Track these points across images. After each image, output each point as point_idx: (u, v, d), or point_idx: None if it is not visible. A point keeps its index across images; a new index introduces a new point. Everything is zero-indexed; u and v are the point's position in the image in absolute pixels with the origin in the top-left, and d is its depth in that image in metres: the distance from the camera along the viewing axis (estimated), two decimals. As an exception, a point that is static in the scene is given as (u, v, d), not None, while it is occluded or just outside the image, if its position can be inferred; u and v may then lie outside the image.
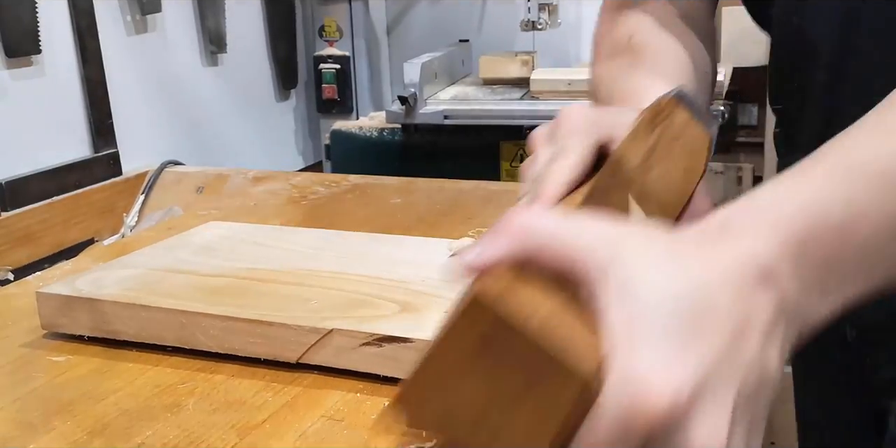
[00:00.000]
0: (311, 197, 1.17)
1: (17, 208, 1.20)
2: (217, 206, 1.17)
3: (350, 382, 0.63)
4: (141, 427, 0.58)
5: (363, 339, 0.62)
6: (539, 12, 1.82)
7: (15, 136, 1.24)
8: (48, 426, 0.59)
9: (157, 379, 0.65)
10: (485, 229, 0.82)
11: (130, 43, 1.48)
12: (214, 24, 1.70)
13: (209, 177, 1.30)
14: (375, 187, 1.21)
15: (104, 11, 1.40)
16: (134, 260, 0.79)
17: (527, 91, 1.77)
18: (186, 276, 0.74)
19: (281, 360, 0.65)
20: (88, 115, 1.36)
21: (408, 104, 1.66)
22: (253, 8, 1.88)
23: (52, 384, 0.65)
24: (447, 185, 1.20)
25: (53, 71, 1.30)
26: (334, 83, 2.03)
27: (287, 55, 1.98)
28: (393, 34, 2.18)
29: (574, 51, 2.08)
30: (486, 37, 2.10)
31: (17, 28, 1.23)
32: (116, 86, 1.41)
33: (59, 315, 0.72)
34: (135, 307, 0.69)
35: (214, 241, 0.84)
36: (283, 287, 0.71)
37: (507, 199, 1.11)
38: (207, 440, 0.57)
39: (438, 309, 0.65)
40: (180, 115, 1.62)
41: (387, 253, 0.79)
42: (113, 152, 1.38)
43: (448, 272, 0.42)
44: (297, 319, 0.64)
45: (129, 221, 1.29)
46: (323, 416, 0.59)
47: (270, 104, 1.97)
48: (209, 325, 0.67)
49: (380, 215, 1.07)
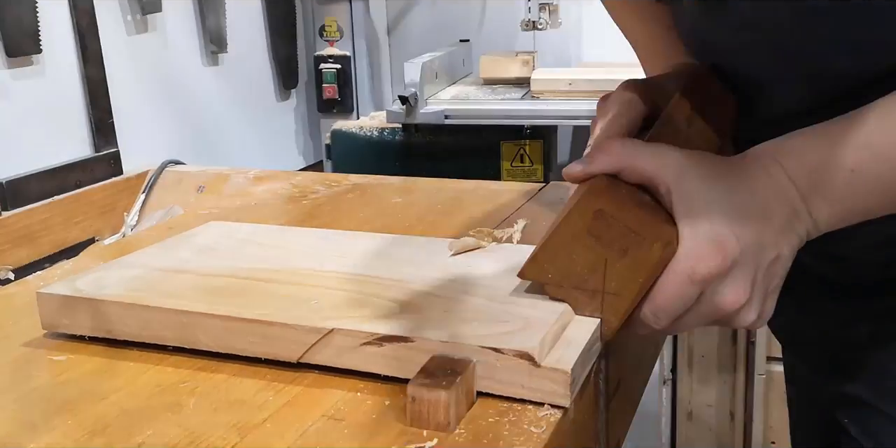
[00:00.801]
0: (312, 196, 1.17)
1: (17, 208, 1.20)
2: (218, 206, 1.17)
3: (351, 382, 0.63)
4: (142, 426, 0.58)
5: (364, 339, 0.62)
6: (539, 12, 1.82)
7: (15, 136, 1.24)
8: (49, 425, 0.59)
9: (158, 378, 0.65)
10: (485, 229, 0.82)
11: (131, 43, 1.48)
12: (215, 24, 1.70)
13: (210, 176, 1.30)
14: (376, 187, 1.21)
15: (105, 11, 1.40)
16: (134, 260, 0.79)
17: (527, 91, 1.77)
18: (187, 275, 0.74)
19: (282, 360, 0.65)
20: (89, 114, 1.36)
21: (408, 104, 1.66)
22: (253, 8, 1.88)
23: (52, 383, 0.65)
24: (448, 185, 1.20)
25: (54, 71, 1.30)
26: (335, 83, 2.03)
27: (288, 55, 1.98)
28: (393, 34, 2.18)
29: (574, 50, 2.07)
30: (487, 36, 2.10)
31: (17, 28, 1.23)
32: (117, 85, 1.41)
33: (59, 315, 0.71)
34: (135, 307, 0.69)
35: (215, 240, 0.84)
36: (284, 287, 0.71)
37: (508, 199, 1.11)
38: (208, 439, 0.57)
39: (439, 308, 0.65)
40: (181, 114, 1.62)
41: (387, 252, 0.79)
42: (113, 152, 1.38)
43: None
44: (298, 319, 0.64)
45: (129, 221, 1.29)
46: (324, 416, 0.59)
47: (271, 104, 1.97)
48: (210, 324, 0.67)
49: (380, 215, 1.07)
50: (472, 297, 0.67)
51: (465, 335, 0.60)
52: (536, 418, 0.57)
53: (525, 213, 1.01)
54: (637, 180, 0.60)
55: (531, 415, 0.57)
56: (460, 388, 0.56)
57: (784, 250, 0.59)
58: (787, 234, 0.59)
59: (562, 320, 0.62)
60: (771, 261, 0.59)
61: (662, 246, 0.57)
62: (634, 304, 0.59)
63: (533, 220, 0.92)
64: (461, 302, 0.66)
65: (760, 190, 0.59)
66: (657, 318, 0.59)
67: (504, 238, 0.83)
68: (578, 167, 0.61)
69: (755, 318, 0.60)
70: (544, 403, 0.58)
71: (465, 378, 0.57)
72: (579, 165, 0.61)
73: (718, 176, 0.59)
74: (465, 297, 0.67)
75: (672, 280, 0.58)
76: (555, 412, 0.57)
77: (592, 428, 0.67)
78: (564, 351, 0.59)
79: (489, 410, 0.58)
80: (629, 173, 0.60)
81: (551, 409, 0.58)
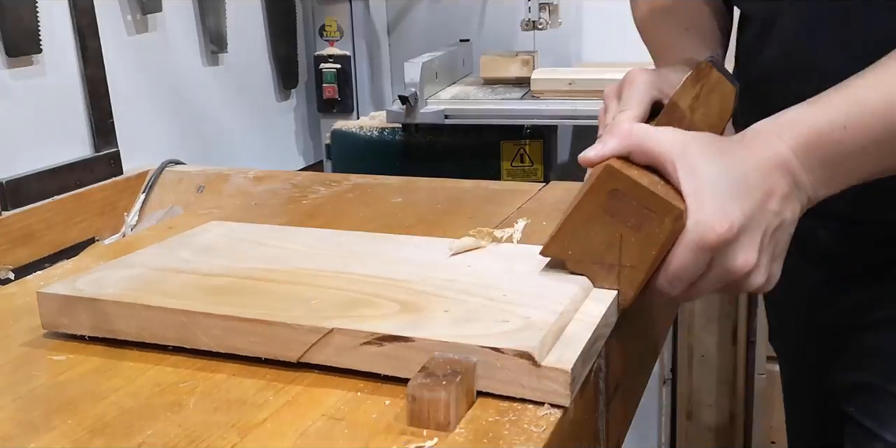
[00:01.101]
0: (312, 196, 1.17)
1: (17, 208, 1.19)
2: (218, 206, 1.17)
3: (351, 381, 0.63)
4: (142, 426, 0.58)
5: (364, 339, 0.62)
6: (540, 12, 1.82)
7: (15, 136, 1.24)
8: (49, 425, 0.59)
9: (158, 378, 0.65)
10: (485, 229, 0.82)
11: (131, 42, 1.48)
12: (215, 24, 1.70)
13: (210, 176, 1.30)
14: (376, 187, 1.21)
15: (105, 11, 1.39)
16: (135, 259, 0.79)
17: (527, 91, 1.77)
18: (187, 275, 0.74)
19: (282, 360, 0.65)
20: (89, 114, 1.36)
21: (408, 104, 1.66)
22: (253, 7, 1.88)
23: (52, 383, 0.65)
24: (448, 185, 1.20)
25: (54, 70, 1.30)
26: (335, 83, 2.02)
27: (288, 55, 1.98)
28: (393, 34, 2.18)
29: (575, 50, 2.07)
30: (487, 36, 2.10)
31: (17, 28, 1.23)
32: (117, 85, 1.41)
33: (59, 315, 0.71)
34: (135, 307, 0.69)
35: (215, 240, 0.84)
36: (284, 286, 0.71)
37: (508, 199, 1.11)
38: (208, 439, 0.57)
39: (439, 308, 0.65)
40: (181, 114, 1.62)
41: (387, 252, 0.79)
42: (113, 152, 1.38)
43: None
44: (298, 319, 0.64)
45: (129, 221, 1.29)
46: (324, 416, 0.59)
47: (271, 104, 1.97)
48: (210, 324, 0.67)
49: (380, 215, 1.07)
50: (472, 296, 0.67)
51: (466, 335, 0.60)
52: (536, 418, 0.57)
53: (525, 213, 1.00)
54: (646, 161, 0.65)
55: (531, 414, 0.57)
56: (460, 388, 0.56)
57: (787, 216, 0.64)
58: (790, 202, 0.64)
59: (562, 320, 0.62)
60: (775, 227, 0.64)
61: (673, 220, 0.62)
62: (649, 275, 0.65)
63: (533, 219, 0.92)
64: (461, 302, 0.66)
65: (763, 162, 0.63)
66: (672, 285, 0.64)
67: (504, 238, 0.83)
68: (592, 152, 0.66)
69: (764, 280, 0.64)
70: (544, 403, 0.58)
71: (466, 377, 0.57)
72: (593, 151, 0.66)
73: (722, 153, 0.64)
74: (465, 297, 0.67)
75: (683, 250, 0.63)
76: (555, 412, 0.57)
77: (592, 427, 0.67)
78: (564, 350, 0.59)
79: (489, 410, 0.58)
80: (639, 154, 0.65)
81: (551, 409, 0.58)
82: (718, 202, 0.62)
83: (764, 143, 0.64)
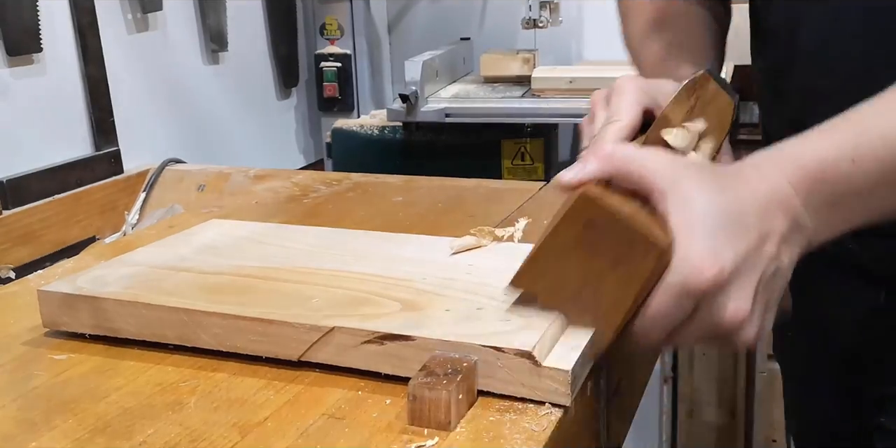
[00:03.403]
0: (313, 195, 1.17)
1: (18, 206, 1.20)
2: (218, 205, 1.17)
3: (352, 380, 0.63)
4: (142, 425, 0.58)
5: (365, 337, 0.62)
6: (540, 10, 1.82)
7: (16, 135, 1.24)
8: (49, 424, 0.59)
9: (159, 377, 0.65)
10: (486, 228, 0.82)
11: (131, 41, 1.48)
12: (215, 23, 1.70)
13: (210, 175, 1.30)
14: (377, 186, 1.21)
15: (105, 9, 1.39)
16: (135, 258, 0.79)
17: (528, 89, 1.77)
18: (188, 274, 0.74)
19: (282, 359, 0.65)
20: (90, 113, 1.36)
21: (409, 102, 1.66)
22: (254, 6, 1.88)
23: (53, 382, 0.65)
24: (448, 184, 1.20)
25: (55, 69, 1.30)
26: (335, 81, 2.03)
27: (288, 53, 1.98)
28: (394, 32, 2.18)
29: (575, 49, 2.07)
30: (488, 35, 2.10)
31: (18, 26, 1.23)
32: (118, 84, 1.41)
33: (60, 313, 0.71)
34: (136, 305, 0.69)
35: (216, 239, 0.84)
36: (285, 285, 0.71)
37: (509, 197, 1.11)
38: (209, 438, 0.57)
39: (440, 307, 0.65)
40: (181, 113, 1.62)
41: (388, 251, 0.79)
42: (114, 150, 1.38)
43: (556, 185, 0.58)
44: (299, 317, 0.64)
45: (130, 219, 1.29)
46: (324, 414, 0.59)
47: (271, 102, 1.97)
48: (211, 323, 0.66)
49: (381, 213, 1.07)
50: (473, 295, 0.67)
51: (466, 334, 0.60)
52: (537, 417, 0.57)
53: (526, 212, 1.00)
54: (630, 186, 0.57)
55: (532, 414, 0.57)
56: (461, 387, 0.56)
57: (784, 262, 0.57)
58: (788, 245, 0.57)
59: (562, 320, 0.62)
60: (771, 273, 0.56)
61: (656, 257, 0.54)
62: (629, 316, 0.57)
63: (534, 218, 0.92)
64: (462, 301, 0.66)
65: (761, 199, 0.56)
66: (647, 331, 0.57)
67: (505, 237, 0.83)
68: (570, 174, 0.58)
69: (755, 333, 0.56)
70: (545, 402, 0.58)
71: (466, 377, 0.57)
72: (570, 172, 0.58)
73: (716, 184, 0.56)
74: (466, 296, 0.67)
75: (664, 292, 0.54)
76: (555, 411, 0.57)
77: (593, 426, 0.67)
78: (565, 350, 0.59)
79: (490, 409, 0.58)
80: (622, 179, 0.57)
81: (552, 408, 0.58)
82: (709, 241, 0.53)
83: (763, 177, 0.57)
